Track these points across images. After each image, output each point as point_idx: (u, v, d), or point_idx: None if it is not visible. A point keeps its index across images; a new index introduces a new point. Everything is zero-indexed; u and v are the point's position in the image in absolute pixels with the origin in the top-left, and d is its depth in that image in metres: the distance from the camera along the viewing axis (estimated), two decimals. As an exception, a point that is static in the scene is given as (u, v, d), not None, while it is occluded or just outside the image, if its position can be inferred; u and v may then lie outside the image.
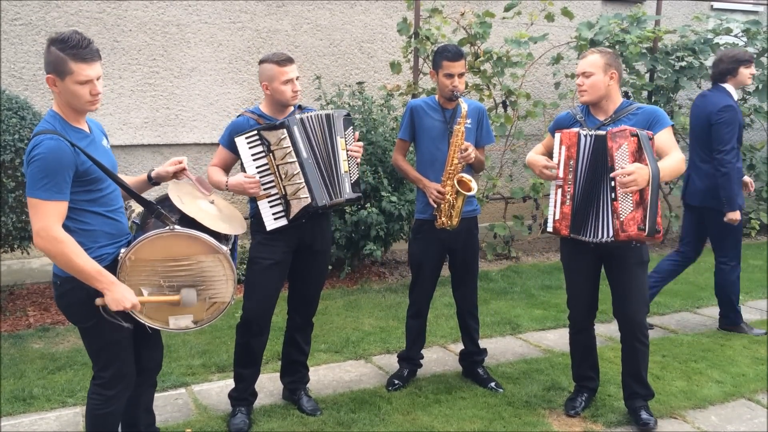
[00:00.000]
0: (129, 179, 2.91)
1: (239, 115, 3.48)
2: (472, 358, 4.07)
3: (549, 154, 3.59)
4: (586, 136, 3.32)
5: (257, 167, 3.31)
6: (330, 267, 5.93)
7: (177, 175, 2.91)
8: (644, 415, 3.50)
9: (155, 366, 3.02)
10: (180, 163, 2.90)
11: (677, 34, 7.11)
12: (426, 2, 6.32)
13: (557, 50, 6.93)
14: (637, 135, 3.16)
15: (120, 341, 2.68)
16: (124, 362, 2.73)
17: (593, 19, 7.03)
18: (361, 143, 3.55)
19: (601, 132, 3.27)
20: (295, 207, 3.33)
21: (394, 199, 5.65)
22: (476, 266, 4.02)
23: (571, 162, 3.35)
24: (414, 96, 6.16)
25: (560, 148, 3.39)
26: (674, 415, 3.68)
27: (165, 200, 2.79)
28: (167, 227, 2.61)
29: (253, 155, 3.30)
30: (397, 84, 6.35)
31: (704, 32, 7.08)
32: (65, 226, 2.48)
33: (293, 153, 3.30)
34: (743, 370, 4.20)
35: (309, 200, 3.32)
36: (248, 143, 3.30)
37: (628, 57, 6.52)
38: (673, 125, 3.43)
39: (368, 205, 5.66)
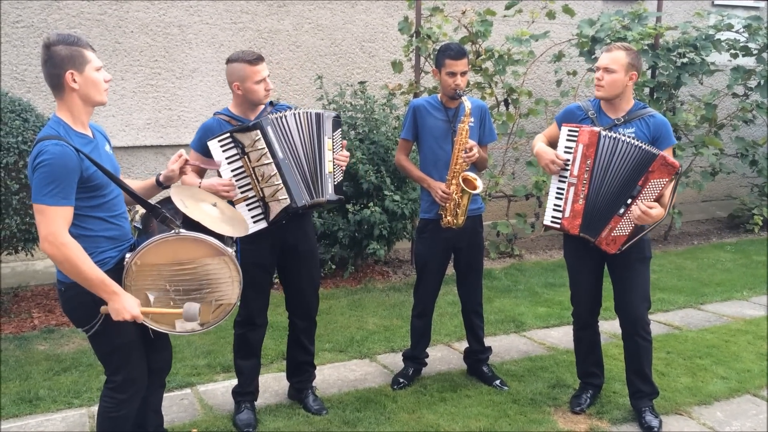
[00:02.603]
0: (136, 184, 2.91)
1: (213, 116, 3.42)
2: (476, 356, 4.07)
3: (552, 144, 3.57)
4: (606, 137, 3.31)
5: (233, 170, 3.23)
6: (333, 267, 5.94)
7: (183, 169, 2.88)
8: (648, 416, 3.49)
9: (164, 367, 3.02)
10: (180, 156, 2.87)
11: (678, 31, 7.10)
12: (427, 1, 6.31)
13: (558, 48, 6.92)
14: (677, 174, 3.21)
15: (129, 345, 2.69)
16: (135, 365, 2.73)
17: (594, 16, 7.02)
18: (347, 153, 3.53)
19: (654, 151, 3.23)
20: (275, 209, 3.28)
21: (396, 198, 5.66)
22: (481, 265, 4.02)
23: (588, 162, 3.35)
24: (416, 95, 6.16)
25: (577, 146, 3.37)
26: (679, 411, 3.68)
27: (167, 202, 2.79)
28: (173, 231, 2.61)
29: (227, 158, 3.22)
30: (399, 83, 6.35)
31: (705, 28, 7.07)
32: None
33: (269, 154, 3.24)
34: (748, 366, 4.20)
35: (288, 201, 3.27)
36: (221, 146, 3.21)
37: (630, 54, 6.51)
38: (675, 144, 3.45)
39: (371, 204, 5.67)
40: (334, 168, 3.42)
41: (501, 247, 6.83)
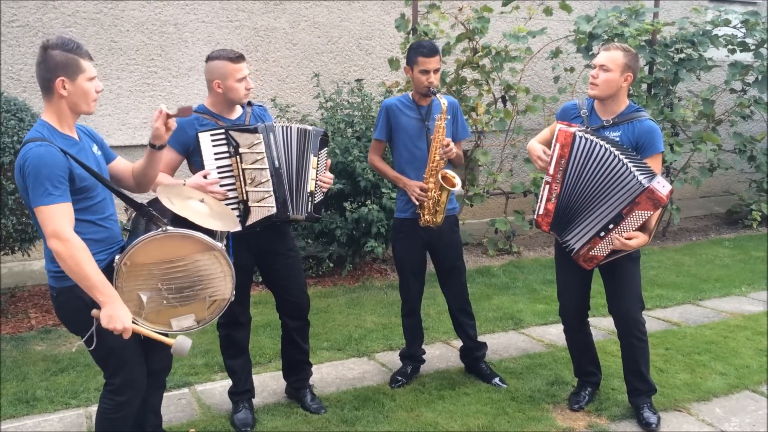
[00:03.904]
0: (138, 163, 2.84)
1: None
2: (472, 354, 4.05)
3: (550, 142, 3.55)
4: (581, 138, 3.26)
5: (218, 167, 3.18)
6: (331, 265, 5.93)
7: (168, 123, 2.72)
8: (646, 413, 3.48)
9: (164, 368, 3.01)
10: (161, 111, 2.71)
11: (676, 27, 7.09)
12: (424, -2, 6.30)
13: (556, 44, 6.91)
14: (662, 208, 3.17)
15: (125, 346, 2.66)
16: (133, 367, 2.71)
17: (591, 12, 7.01)
18: (331, 176, 3.50)
19: (644, 182, 3.11)
20: (256, 214, 3.23)
21: (394, 195, 5.64)
22: (462, 262, 3.99)
23: (563, 161, 3.31)
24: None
25: (555, 145, 3.35)
26: (678, 407, 3.67)
27: (155, 202, 2.76)
28: (160, 229, 2.58)
29: (215, 154, 3.16)
30: (396, 80, 6.34)
31: (703, 24, 7.06)
32: None
33: (266, 160, 3.21)
34: (747, 362, 4.20)
35: (274, 210, 3.24)
36: (212, 140, 3.16)
37: (627, 50, 6.50)
38: (663, 152, 3.38)
39: (369, 202, 5.66)
40: (315, 187, 3.40)
41: (499, 245, 6.82)
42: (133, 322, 2.54)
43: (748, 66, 7.14)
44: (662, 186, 3.13)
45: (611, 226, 3.22)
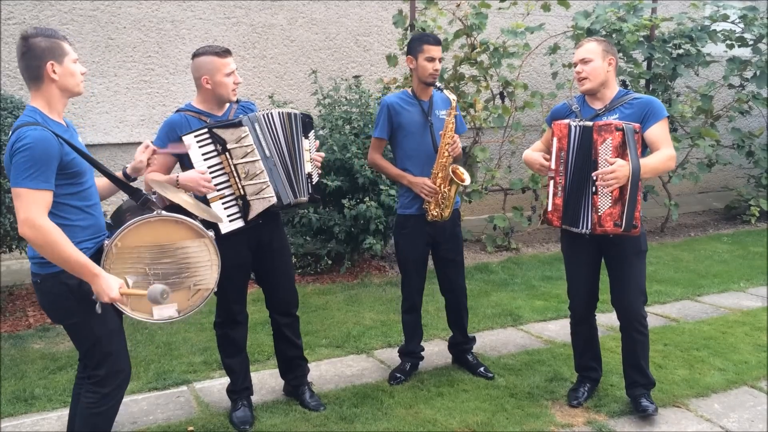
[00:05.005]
0: (103, 180, 2.88)
1: (175, 112, 3.31)
2: (461, 346, 4.08)
3: (548, 149, 3.56)
4: (576, 127, 3.29)
5: (208, 167, 3.15)
6: (330, 262, 5.93)
7: (150, 159, 2.85)
8: (644, 402, 3.49)
9: None
10: (147, 147, 2.84)
11: (674, 22, 7.08)
12: (421, -6, 6.29)
13: (554, 40, 6.90)
14: (622, 129, 3.12)
15: (110, 334, 2.66)
16: (118, 357, 2.70)
17: (590, 8, 7.00)
18: (322, 153, 3.52)
19: (588, 123, 3.24)
20: (258, 207, 3.22)
21: (392, 192, 5.64)
22: (462, 257, 4.00)
23: (562, 153, 3.34)
24: (411, 89, 6.13)
25: (553, 140, 3.38)
26: (677, 403, 3.67)
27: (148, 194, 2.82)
28: (154, 212, 2.61)
29: (204, 154, 3.13)
30: (394, 77, 6.33)
31: (701, 19, 7.05)
32: None
33: (256, 152, 3.20)
34: (745, 358, 4.20)
35: (274, 200, 3.23)
36: (198, 142, 3.12)
37: (626, 45, 6.50)
38: (668, 116, 3.39)
39: (367, 198, 5.65)
40: (312, 168, 3.40)
41: (498, 241, 6.82)
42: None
43: (746, 61, 7.14)
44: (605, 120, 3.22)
45: (594, 177, 3.20)
